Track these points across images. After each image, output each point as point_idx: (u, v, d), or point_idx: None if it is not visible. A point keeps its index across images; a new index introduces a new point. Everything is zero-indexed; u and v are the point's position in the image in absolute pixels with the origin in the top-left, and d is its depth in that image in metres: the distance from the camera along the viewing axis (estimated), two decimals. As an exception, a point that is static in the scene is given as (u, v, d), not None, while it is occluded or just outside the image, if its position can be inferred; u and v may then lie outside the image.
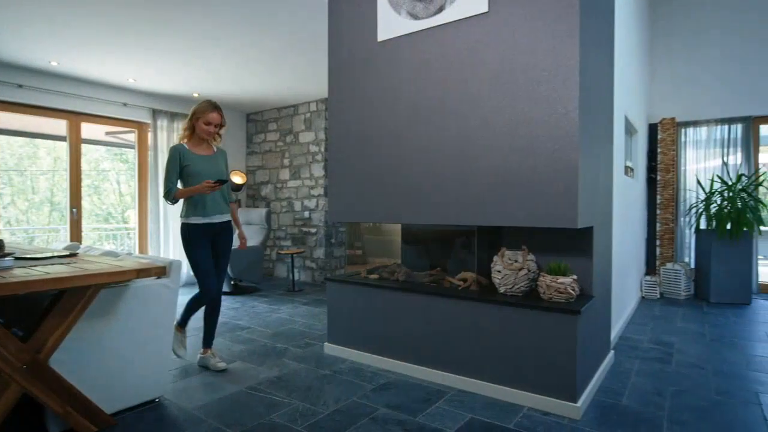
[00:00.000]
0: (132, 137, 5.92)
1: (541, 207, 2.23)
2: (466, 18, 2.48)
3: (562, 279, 2.27)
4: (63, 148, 5.29)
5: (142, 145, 5.89)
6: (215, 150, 2.90)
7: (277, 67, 4.82)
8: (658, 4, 5.51)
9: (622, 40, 3.47)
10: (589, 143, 2.35)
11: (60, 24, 3.61)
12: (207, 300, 2.77)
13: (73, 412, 1.93)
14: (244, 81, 5.31)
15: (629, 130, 4.24)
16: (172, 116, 5.94)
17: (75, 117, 5.22)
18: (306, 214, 6.26)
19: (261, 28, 3.78)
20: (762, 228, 4.74)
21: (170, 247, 5.90)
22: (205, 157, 2.78)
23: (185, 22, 3.63)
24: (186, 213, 2.73)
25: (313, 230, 6.18)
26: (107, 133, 5.88)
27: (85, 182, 5.50)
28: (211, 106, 2.78)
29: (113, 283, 2.02)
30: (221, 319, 4.12)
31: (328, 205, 3.16)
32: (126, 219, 6.66)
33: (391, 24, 2.77)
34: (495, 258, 2.55)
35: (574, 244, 2.48)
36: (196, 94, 5.85)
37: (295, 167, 6.40)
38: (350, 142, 2.99)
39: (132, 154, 6.00)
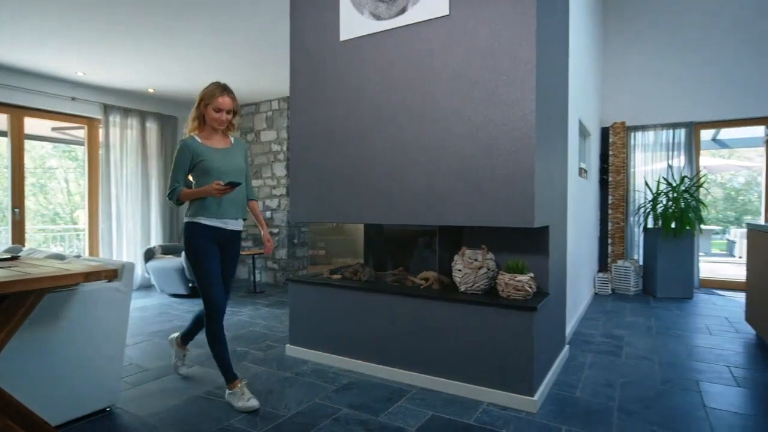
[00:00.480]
0: (81, 133, 5.62)
1: (499, 207, 2.29)
2: (427, 20, 2.51)
3: (519, 277, 2.34)
4: (3, 144, 4.96)
5: (92, 142, 5.61)
6: (232, 141, 2.48)
7: (237, 64, 4.71)
8: (610, 14, 5.77)
9: (577, 47, 3.61)
10: (546, 145, 2.43)
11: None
12: (216, 316, 2.29)
13: (14, 426, 1.81)
14: (203, 77, 5.15)
15: (583, 133, 4.41)
16: (126, 112, 5.70)
17: (17, 111, 4.91)
18: (268, 214, 6.15)
19: (219, 23, 3.68)
20: (702, 227, 5.06)
21: (123, 249, 5.65)
22: (221, 151, 2.37)
23: (137, 14, 3.49)
24: (194, 211, 2.30)
25: (275, 230, 6.08)
26: (54, 129, 5.57)
27: (29, 180, 5.18)
28: (221, 88, 2.34)
29: (59, 287, 1.91)
30: (179, 322, 4.00)
31: (290, 205, 3.12)
32: (75, 219, 6.33)
33: (353, 24, 2.77)
34: (456, 257, 2.59)
35: (531, 243, 2.56)
36: (151, 90, 5.63)
37: (256, 166, 6.28)
38: (313, 141, 2.96)
39: (82, 151, 5.71)
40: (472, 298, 2.42)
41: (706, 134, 6.67)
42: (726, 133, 7.71)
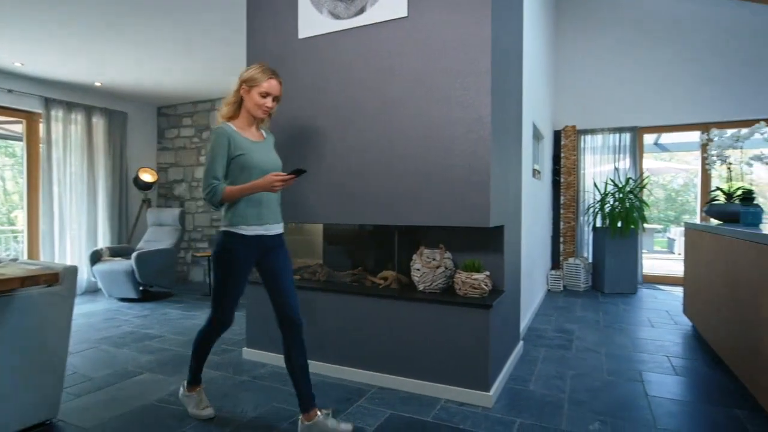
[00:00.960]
0: (20, 128, 5.26)
1: (456, 207, 2.33)
2: (386, 21, 2.52)
3: (476, 275, 2.40)
4: (-71, 138, 4.57)
5: (32, 138, 5.26)
6: (264, 135, 2.18)
7: (193, 59, 4.56)
8: (562, 22, 6.01)
9: (530, 52, 3.73)
10: (501, 147, 2.50)
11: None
12: (220, 329, 2.12)
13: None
14: (155, 72, 4.95)
15: (537, 135, 4.57)
16: (69, 106, 5.38)
17: (-55, 103, 4.53)
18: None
19: (172, 17, 3.54)
20: (645, 226, 5.37)
21: (67, 252, 5.33)
22: (258, 144, 2.07)
23: (80, 3, 3.30)
24: (232, 218, 1.98)
25: (232, 231, 5.92)
26: (-13, 123, 5.18)
27: (-41, 178, 4.80)
28: (269, 71, 2.06)
29: (-8, 293, 1.78)
30: (128, 328, 3.82)
31: (246, 204, 3.03)
32: (12, 220, 5.92)
33: (312, 22, 2.74)
34: (414, 257, 2.62)
35: (487, 242, 2.62)
36: (98, 83, 5.35)
37: (212, 165, 6.09)
38: (270, 140, 2.91)
39: (20, 147, 5.34)
40: (430, 297, 2.46)
41: (649, 138, 7.08)
42: (666, 138, 8.22)
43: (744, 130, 3.14)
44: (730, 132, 3.25)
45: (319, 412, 1.99)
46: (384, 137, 2.53)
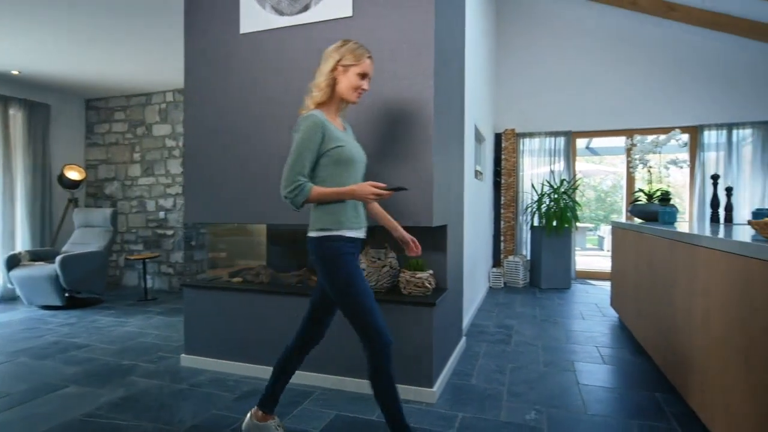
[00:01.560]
0: None
1: (400, 207, 2.36)
2: (331, 20, 2.50)
3: (420, 274, 2.44)
4: None
5: (-65, 130, 4.72)
6: (344, 125, 1.96)
7: (126, 50, 4.29)
8: (502, 29, 6.26)
9: (472, 57, 3.85)
10: (443, 148, 2.56)
11: None
12: (387, 350, 1.73)
13: None
14: (83, 61, 4.61)
15: (478, 138, 4.73)
16: (-19, 96, 4.89)
17: None
18: (161, 214, 5.69)
19: (100, 2, 3.32)
20: (578, 224, 5.71)
21: (-21, 256, 4.84)
22: (348, 135, 1.88)
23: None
24: (334, 219, 1.73)
25: (170, 232, 5.64)
26: None
27: None
28: (365, 48, 1.81)
29: None
30: (51, 338, 3.54)
31: (185, 204, 2.91)
32: None
33: (254, 17, 2.67)
34: (360, 256, 2.62)
35: (430, 241, 2.68)
36: (15, 72, 4.90)
37: (148, 162, 5.77)
38: (211, 137, 2.80)
39: None
40: (375, 296, 2.46)
41: (581, 142, 7.54)
42: (597, 142, 8.81)
43: (662, 137, 3.42)
44: (650, 138, 3.53)
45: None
46: (329, 137, 2.51)
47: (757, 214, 2.45)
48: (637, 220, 3.62)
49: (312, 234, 1.76)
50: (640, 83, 5.70)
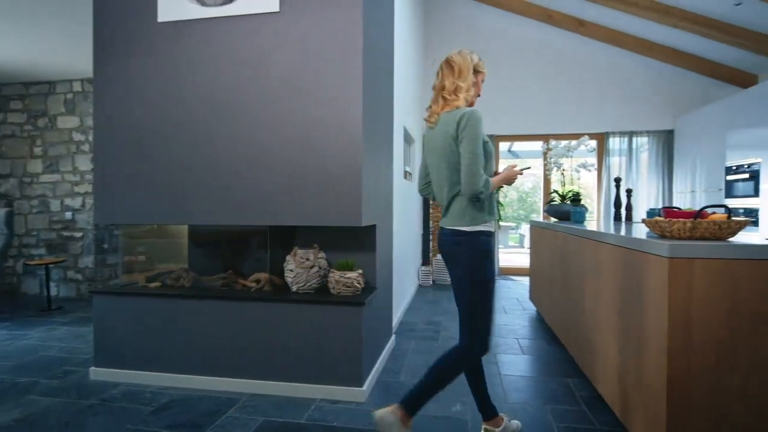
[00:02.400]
0: None
1: (329, 207, 2.35)
2: (257, 14, 2.43)
3: (349, 274, 2.45)
4: None
5: None
6: None
7: (21, 29, 3.85)
8: (430, 34, 6.44)
9: (401, 60, 3.93)
10: (372, 148, 2.59)
11: None
12: (477, 359, 1.94)
13: None
14: (-32, 43, 4.08)
15: (408, 139, 4.83)
16: None
17: None
18: (68, 215, 5.18)
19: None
20: (501, 223, 6.02)
21: None
22: None
23: None
24: (485, 215, 1.80)
25: (78, 234, 5.16)
26: None
27: None
28: None
29: None
30: (-72, 356, 3.09)
31: (95, 203, 2.68)
32: None
33: (174, 5, 2.52)
34: (288, 257, 2.58)
35: (360, 241, 2.69)
36: None
37: (51, 158, 5.23)
38: (125, 132, 2.60)
39: None
40: (304, 298, 2.43)
41: (504, 146, 7.96)
42: (518, 146, 9.36)
43: (573, 142, 3.71)
44: (563, 143, 3.81)
45: (503, 421, 1.96)
46: (256, 135, 2.44)
47: (650, 213, 2.74)
48: (553, 219, 3.89)
49: (464, 228, 1.79)
50: (555, 92, 6.13)
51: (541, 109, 6.15)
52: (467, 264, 1.81)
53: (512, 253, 9.59)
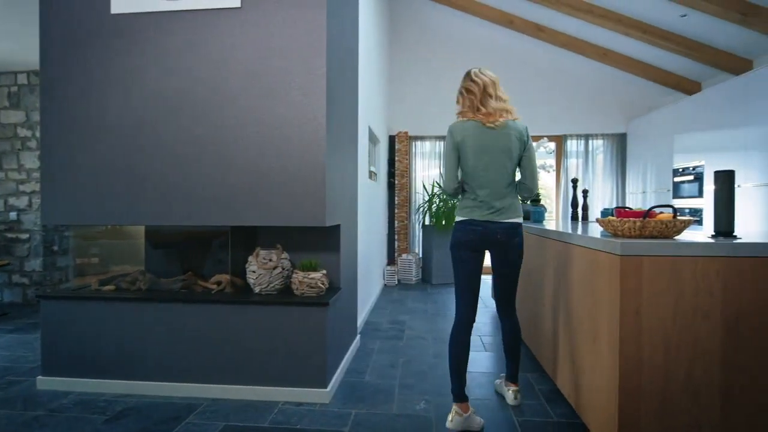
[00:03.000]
0: None
1: (293, 207, 2.32)
2: (217, 9, 2.37)
3: (313, 274, 2.42)
4: None
5: None
6: None
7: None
8: (396, 37, 6.47)
9: (366, 59, 3.93)
10: (337, 148, 2.57)
11: None
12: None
13: None
14: None
15: (372, 139, 4.84)
16: None
17: None
18: (13, 215, 4.88)
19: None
20: (465, 223, 6.12)
21: None
22: None
23: None
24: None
25: (24, 236, 4.87)
26: None
27: None
28: None
29: None
30: None
31: (43, 203, 2.54)
32: None
33: (127, -3, 2.42)
34: (250, 258, 2.53)
35: (324, 241, 2.67)
36: None
37: (-8, 155, 4.91)
38: (75, 127, 2.47)
39: None
40: (267, 299, 2.40)
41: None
42: (481, 147, 9.55)
43: (533, 144, 3.81)
44: (523, 145, 3.91)
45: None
46: (217, 133, 2.37)
47: (604, 213, 2.86)
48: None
49: (521, 221, 2.17)
50: (516, 94, 6.26)
51: (503, 111, 6.29)
52: (522, 251, 2.22)
53: (475, 252, 9.76)
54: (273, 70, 2.34)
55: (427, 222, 6.10)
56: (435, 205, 5.89)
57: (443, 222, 5.73)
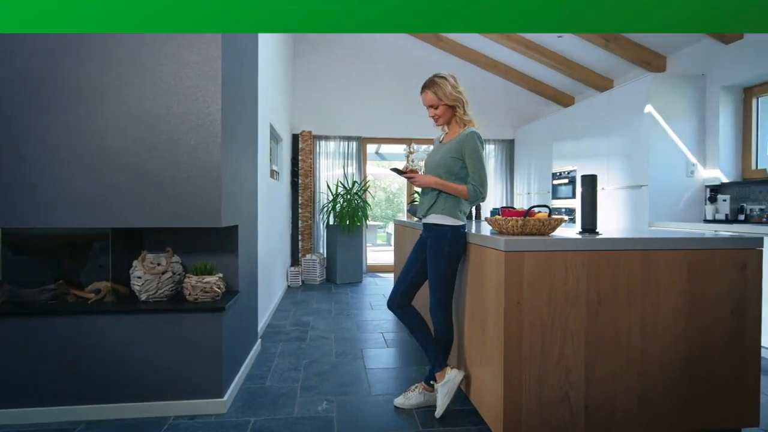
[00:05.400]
0: None
1: (184, 206, 2.17)
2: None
3: (207, 278, 2.29)
4: None
5: None
6: (458, 134, 2.27)
7: None
8: (301, 36, 6.35)
9: (268, 57, 3.80)
10: (234, 144, 2.46)
11: None
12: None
13: None
14: None
15: (275, 137, 4.70)
16: None
17: None
18: None
19: None
20: (369, 222, 6.23)
21: None
22: (439, 146, 2.39)
23: None
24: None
25: None
26: None
27: None
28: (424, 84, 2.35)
29: None
30: None
31: None
32: None
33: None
34: (135, 263, 2.31)
35: (220, 242, 2.54)
36: None
37: None
38: None
39: None
40: (155, 307, 2.21)
41: (371, 147, 8.25)
42: (385, 148, 9.79)
43: (432, 146, 4.01)
44: (423, 147, 4.10)
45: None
46: (96, 124, 2.13)
47: (493, 212, 3.10)
48: (414, 218, 4.15)
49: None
50: (416, 99, 6.53)
51: (404, 114, 6.51)
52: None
53: (380, 251, 9.98)
54: (163, 58, 2.16)
55: (331, 222, 6.09)
56: (339, 204, 5.91)
57: (347, 222, 5.77)
